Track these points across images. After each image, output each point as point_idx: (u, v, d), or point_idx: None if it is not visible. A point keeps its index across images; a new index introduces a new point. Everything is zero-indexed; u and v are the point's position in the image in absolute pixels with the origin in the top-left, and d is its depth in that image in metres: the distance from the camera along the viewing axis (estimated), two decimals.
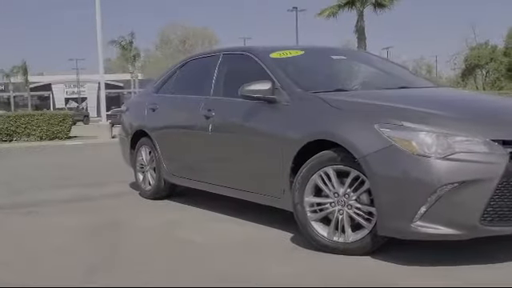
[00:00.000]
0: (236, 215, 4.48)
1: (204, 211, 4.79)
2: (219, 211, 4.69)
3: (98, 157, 11.36)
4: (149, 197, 5.48)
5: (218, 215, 4.60)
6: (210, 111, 4.44)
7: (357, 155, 3.10)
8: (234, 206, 4.72)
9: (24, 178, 7.67)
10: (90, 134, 20.51)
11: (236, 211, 4.58)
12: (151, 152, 5.41)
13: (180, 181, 5.08)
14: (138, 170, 5.67)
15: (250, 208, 4.51)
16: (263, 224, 4.15)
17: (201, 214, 4.73)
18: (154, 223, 4.46)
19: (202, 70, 4.96)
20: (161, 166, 5.23)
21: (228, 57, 4.65)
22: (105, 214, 4.89)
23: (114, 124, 21.49)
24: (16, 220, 4.77)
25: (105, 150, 13.61)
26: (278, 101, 3.78)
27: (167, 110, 5.20)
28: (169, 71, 5.57)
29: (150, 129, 5.34)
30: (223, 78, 4.59)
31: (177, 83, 5.29)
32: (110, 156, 11.07)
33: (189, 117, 4.83)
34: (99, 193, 6.02)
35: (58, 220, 4.69)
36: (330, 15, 23.72)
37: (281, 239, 3.74)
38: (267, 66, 4.05)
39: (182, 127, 4.93)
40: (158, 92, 5.53)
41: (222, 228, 4.19)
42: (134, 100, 6.13)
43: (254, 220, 4.27)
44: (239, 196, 4.21)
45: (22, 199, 5.76)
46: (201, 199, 5.21)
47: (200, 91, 4.77)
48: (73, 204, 5.43)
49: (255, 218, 4.32)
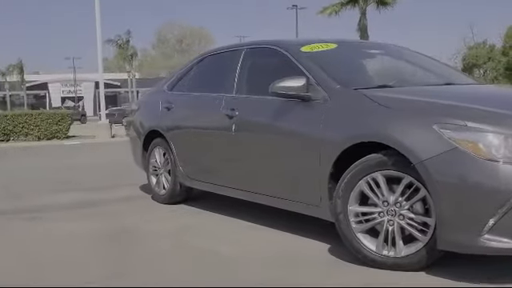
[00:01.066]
0: (262, 223, 4.13)
1: (225, 218, 4.44)
2: (242, 218, 4.34)
3: (100, 157, 10.98)
4: (163, 201, 5.13)
5: (241, 222, 4.25)
6: (234, 110, 4.09)
7: (413, 159, 2.76)
8: (257, 212, 4.38)
9: (24, 180, 7.30)
10: (89, 134, 20.11)
11: (261, 218, 4.23)
12: (166, 153, 5.06)
13: (198, 184, 4.73)
14: (151, 173, 5.31)
15: (276, 215, 4.18)
16: (294, 233, 3.81)
17: (222, 221, 4.38)
18: (170, 231, 4.10)
19: (222, 66, 4.61)
20: (176, 169, 4.88)
21: (252, 51, 4.30)
22: (115, 220, 4.54)
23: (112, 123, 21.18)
24: (19, 226, 4.42)
25: (106, 150, 13.25)
26: (312, 98, 3.43)
27: (184, 109, 4.84)
28: (184, 68, 5.21)
29: (165, 129, 4.99)
30: (247, 74, 4.23)
31: (194, 80, 4.94)
32: (113, 157, 10.71)
33: (208, 116, 4.48)
34: (107, 197, 5.67)
35: (65, 227, 4.33)
36: (332, 13, 23.39)
37: (319, 251, 3.40)
38: (299, 61, 3.70)
39: (201, 127, 4.58)
40: (172, 90, 5.17)
41: (249, 237, 3.84)
42: (146, 98, 5.77)
43: (283, 228, 3.92)
44: (268, 203, 3.87)
45: (23, 204, 5.40)
46: (219, 204, 4.86)
47: (220, 89, 4.42)
48: (79, 209, 5.07)
49: (283, 226, 3.98)
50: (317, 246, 3.48)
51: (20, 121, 17.73)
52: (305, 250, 3.46)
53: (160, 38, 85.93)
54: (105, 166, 8.92)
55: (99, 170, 8.36)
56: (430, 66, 4.26)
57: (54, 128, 18.02)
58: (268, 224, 4.07)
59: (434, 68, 4.23)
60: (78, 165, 9.29)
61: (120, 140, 17.21)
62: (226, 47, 4.78)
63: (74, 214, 4.82)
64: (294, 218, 3.96)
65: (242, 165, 4.07)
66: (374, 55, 4.18)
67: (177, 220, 4.48)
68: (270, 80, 3.95)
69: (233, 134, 4.07)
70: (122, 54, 50.47)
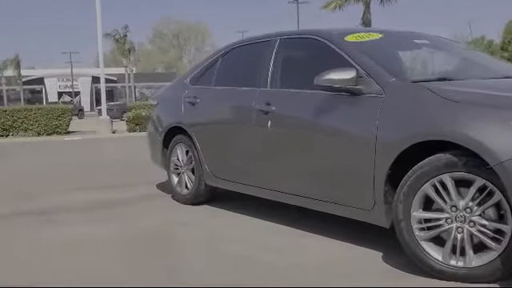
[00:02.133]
0: (298, 227, 3.85)
1: (256, 220, 4.15)
2: (275, 221, 4.05)
3: (106, 154, 10.68)
4: (185, 202, 4.83)
5: (275, 226, 3.96)
6: (269, 105, 3.79)
7: (491, 161, 2.47)
8: (290, 215, 4.11)
9: (33, 179, 6.97)
10: (89, 129, 19.73)
11: (296, 222, 3.95)
12: (189, 151, 4.76)
13: (225, 184, 4.43)
14: (172, 172, 5.01)
15: (311, 218, 3.91)
16: (336, 239, 3.52)
17: (253, 223, 4.09)
18: (200, 235, 3.82)
19: (253, 58, 4.30)
20: (201, 167, 4.59)
21: (288, 42, 3.99)
22: (136, 223, 4.25)
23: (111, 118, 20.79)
24: (35, 230, 4.10)
25: (110, 146, 12.95)
26: (363, 92, 3.14)
27: (210, 104, 4.54)
28: (208, 60, 4.89)
29: (189, 125, 4.69)
30: (283, 66, 3.94)
31: (220, 73, 4.63)
32: (119, 153, 10.43)
33: (239, 112, 4.19)
34: (124, 196, 5.37)
35: (84, 230, 4.03)
36: (335, 7, 23.07)
37: (370, 259, 3.12)
38: (345, 51, 3.41)
39: (230, 123, 4.29)
40: (195, 84, 4.87)
41: (288, 243, 3.55)
42: (166, 93, 5.45)
43: (323, 233, 3.64)
44: (311, 206, 3.57)
45: (36, 205, 5.08)
46: (244, 205, 4.58)
47: (252, 82, 4.12)
48: (96, 210, 4.76)
49: (322, 230, 3.70)
50: (367, 254, 3.20)
51: (19, 116, 17.37)
52: (354, 258, 3.18)
53: (156, 33, 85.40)
54: (113, 162, 8.62)
55: (108, 167, 8.06)
56: (480, 58, 3.98)
57: (54, 123, 17.69)
58: (305, 228, 3.79)
59: (484, 60, 3.95)
60: (84, 162, 8.97)
61: (121, 136, 16.92)
62: (255, 38, 4.48)
63: (92, 216, 4.52)
64: (332, 221, 3.69)
65: (278, 164, 3.78)
66: (421, 46, 3.89)
67: (204, 223, 4.19)
68: (310, 72, 3.67)
69: (268, 131, 3.78)
70: (120, 49, 49.92)
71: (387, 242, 3.25)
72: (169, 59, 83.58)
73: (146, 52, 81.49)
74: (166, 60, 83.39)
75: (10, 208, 4.94)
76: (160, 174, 6.20)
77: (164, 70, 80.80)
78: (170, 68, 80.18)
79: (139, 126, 17.79)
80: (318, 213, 3.65)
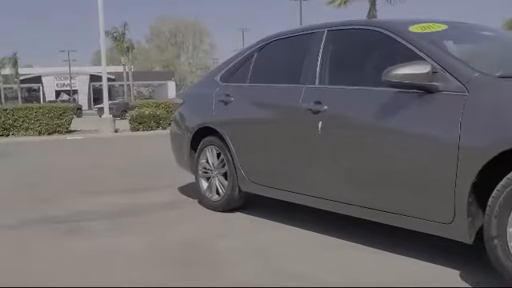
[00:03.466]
0: (348, 237, 3.49)
1: (301, 231, 3.77)
2: (321, 231, 3.69)
3: (114, 154, 10.26)
4: (216, 208, 4.46)
5: (325, 238, 3.58)
6: (320, 104, 3.42)
7: None
8: (334, 223, 3.75)
9: (45, 181, 6.58)
10: (90, 128, 19.29)
11: (342, 232, 3.59)
12: (221, 154, 4.39)
13: (263, 190, 4.06)
14: (201, 176, 4.64)
15: (360, 227, 3.55)
16: (398, 253, 3.16)
17: (300, 235, 3.70)
18: (245, 249, 3.44)
19: (296, 52, 3.93)
20: (235, 172, 4.22)
21: (338, 34, 3.62)
22: (168, 232, 3.88)
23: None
24: (58, 241, 3.72)
25: (115, 145, 12.55)
26: (440, 89, 2.78)
27: (246, 103, 4.17)
28: (241, 55, 4.50)
29: (221, 125, 4.32)
30: (334, 60, 3.57)
31: (256, 70, 4.25)
32: (127, 153, 10.00)
33: (281, 111, 3.82)
34: (147, 202, 5.00)
35: (112, 242, 3.65)
36: (341, 4, 22.70)
37: (443, 276, 2.76)
38: (414, 44, 3.03)
39: (270, 124, 3.91)
40: (227, 81, 4.49)
41: (346, 259, 3.17)
42: (193, 91, 5.07)
43: (381, 247, 3.28)
44: (371, 217, 3.20)
45: (54, 210, 4.69)
46: (282, 213, 4.23)
47: (295, 79, 3.75)
48: (121, 217, 4.39)
49: (380, 243, 3.34)
50: (435, 270, 2.84)
51: (20, 115, 16.95)
52: (424, 274, 2.82)
53: (154, 32, 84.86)
54: (124, 163, 8.23)
55: (120, 168, 7.67)
56: None
57: (56, 122, 17.27)
58: (357, 240, 3.43)
59: None
60: (94, 162, 8.57)
61: (125, 135, 16.53)
62: (296, 30, 4.10)
63: (117, 225, 4.14)
64: (389, 233, 3.33)
65: (331, 170, 3.40)
66: (493, 38, 3.53)
67: (245, 234, 3.80)
68: (369, 67, 3.33)
69: (318, 132, 3.41)
70: (119, 47, 49.43)
71: (462, 256, 2.90)
72: (166, 58, 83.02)
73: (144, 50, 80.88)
74: (163, 58, 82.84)
75: (27, 214, 4.57)
76: (179, 175, 5.89)
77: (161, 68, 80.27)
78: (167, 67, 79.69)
79: (142, 125, 17.41)
80: (364, 221, 3.29)
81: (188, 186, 5.69)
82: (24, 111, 17.08)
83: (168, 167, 7.46)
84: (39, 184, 6.28)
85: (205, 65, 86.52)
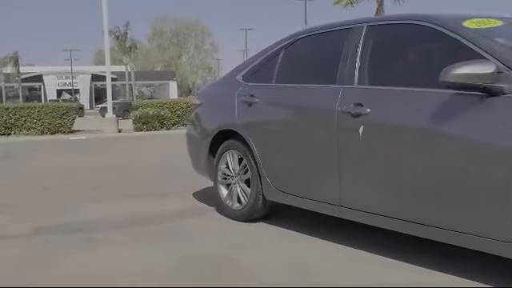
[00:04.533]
0: (386, 253, 3.17)
1: (336, 246, 3.43)
2: (358, 246, 3.36)
3: (120, 155, 9.94)
4: (237, 217, 4.14)
5: (363, 254, 3.25)
6: (362, 106, 3.10)
7: None
8: (369, 237, 3.43)
9: (52, 185, 6.26)
10: (93, 128, 18.97)
11: (379, 246, 3.27)
12: (243, 159, 4.07)
13: (291, 200, 3.74)
14: (220, 182, 4.32)
15: (399, 243, 3.24)
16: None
17: (336, 250, 3.36)
18: (278, 266, 3.10)
19: (329, 50, 3.63)
20: (260, 179, 3.90)
21: (379, 29, 3.30)
22: (189, 244, 3.58)
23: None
24: (76, 253, 3.39)
25: (120, 146, 12.25)
26: (504, 91, 2.46)
27: (273, 105, 3.85)
28: (265, 53, 4.17)
29: (245, 128, 4.00)
30: (376, 58, 3.25)
31: (283, 68, 3.93)
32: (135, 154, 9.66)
33: (313, 114, 3.49)
34: (162, 209, 4.69)
35: (132, 254, 3.34)
36: (347, 4, 22.41)
37: None
38: (473, 41, 2.71)
39: (301, 127, 3.59)
40: (251, 80, 4.17)
41: (398, 278, 2.85)
42: (213, 91, 4.75)
43: (433, 266, 2.96)
44: (423, 234, 2.87)
45: (66, 218, 4.39)
46: (309, 223, 3.92)
47: (331, 78, 3.43)
48: (137, 226, 4.08)
49: (428, 263, 3.02)
50: None
51: (22, 114, 16.66)
52: None
53: (156, 31, 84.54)
54: (132, 165, 7.91)
55: (129, 170, 7.37)
56: None
57: (58, 122, 16.97)
58: (402, 258, 3.10)
59: None
60: (101, 164, 8.25)
61: (129, 135, 16.22)
62: (328, 26, 3.78)
63: (135, 235, 3.83)
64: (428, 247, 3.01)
65: (374, 180, 3.08)
66: None
67: (274, 248, 3.47)
68: (419, 66, 3.02)
69: (359, 138, 3.09)
70: (121, 46, 49.16)
71: None
72: (168, 57, 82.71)
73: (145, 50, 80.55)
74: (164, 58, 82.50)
75: (39, 221, 4.28)
76: (191, 180, 5.62)
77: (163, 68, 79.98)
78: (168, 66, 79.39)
79: (146, 126, 17.11)
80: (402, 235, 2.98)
81: (203, 192, 5.38)
82: (26, 110, 16.78)
83: (178, 170, 7.18)
84: (49, 188, 5.97)
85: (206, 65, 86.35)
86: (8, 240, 3.77)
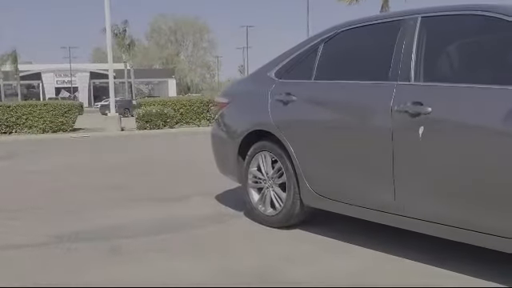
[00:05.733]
0: (445, 265, 2.89)
1: (382, 255, 3.17)
2: (415, 257, 3.08)
3: (127, 154, 9.63)
4: (271, 224, 3.86)
5: (415, 265, 2.98)
6: (421, 105, 2.83)
7: None
8: (424, 246, 3.16)
9: (63, 187, 5.98)
10: (95, 126, 18.66)
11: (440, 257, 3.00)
12: (277, 161, 3.79)
13: (333, 206, 3.46)
14: (251, 186, 4.04)
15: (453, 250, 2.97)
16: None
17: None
18: (329, 276, 2.84)
19: (379, 44, 3.34)
20: (298, 183, 3.62)
21: (438, 21, 3.01)
22: (225, 254, 3.30)
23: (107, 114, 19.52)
24: (103, 266, 3.10)
25: (125, 144, 11.96)
26: None
27: (315, 103, 3.56)
28: (301, 48, 3.87)
29: (280, 128, 3.71)
30: (434, 53, 2.99)
31: (324, 64, 3.64)
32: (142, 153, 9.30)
33: (364, 113, 3.21)
34: (187, 214, 4.40)
35: (165, 267, 3.05)
36: (352, 1, 22.10)
37: None
38: None
39: (348, 128, 3.30)
40: (285, 77, 3.88)
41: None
42: (241, 89, 4.44)
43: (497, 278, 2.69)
44: (500, 247, 2.60)
45: (85, 224, 4.10)
46: (351, 230, 3.65)
47: (382, 74, 3.14)
48: (164, 234, 3.80)
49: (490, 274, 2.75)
50: None
51: (24, 112, 16.37)
52: None
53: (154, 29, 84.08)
54: (143, 165, 7.63)
55: (141, 171, 7.08)
56: None
57: (60, 120, 16.68)
58: (465, 270, 2.83)
59: None
60: (110, 164, 7.96)
61: (132, 134, 15.93)
62: (374, 18, 3.49)
63: (164, 244, 3.54)
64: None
65: (436, 186, 2.80)
66: None
67: (323, 260, 3.16)
68: (485, 61, 2.74)
69: (419, 139, 2.81)
70: (120, 44, 48.76)
71: None
72: (166, 55, 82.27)
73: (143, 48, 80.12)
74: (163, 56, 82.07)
75: (57, 228, 3.98)
76: (208, 181, 5.52)
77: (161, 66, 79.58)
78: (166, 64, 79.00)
79: (149, 124, 16.81)
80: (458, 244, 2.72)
81: (225, 195, 5.12)
82: (28, 108, 16.48)
83: (193, 170, 6.93)
84: (61, 190, 5.68)
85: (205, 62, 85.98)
86: (25, 250, 3.47)
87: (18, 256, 3.34)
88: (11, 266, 3.13)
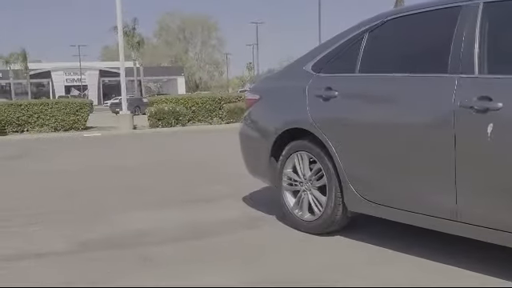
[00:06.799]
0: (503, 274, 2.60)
1: (430, 263, 2.88)
2: (477, 269, 2.78)
3: (142, 153, 9.37)
4: (310, 230, 3.57)
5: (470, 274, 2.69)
6: (490, 100, 2.52)
7: None
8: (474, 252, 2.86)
9: (82, 188, 5.74)
10: (106, 124, 18.45)
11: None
12: (316, 162, 3.50)
13: (383, 212, 3.14)
14: (286, 188, 3.75)
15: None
16: None
17: (431, 267, 2.80)
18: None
19: (434, 33, 3.03)
20: (340, 186, 3.33)
21: (505, 7, 2.70)
22: (270, 263, 3.04)
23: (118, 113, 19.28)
24: (136, 277, 2.83)
25: (139, 143, 11.73)
26: None
27: (361, 99, 3.26)
28: (341, 39, 3.56)
29: (320, 127, 3.41)
30: (501, 43, 2.67)
31: (370, 56, 3.32)
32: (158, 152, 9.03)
33: (423, 109, 2.88)
34: (213, 217, 4.14)
35: (205, 282, 2.76)
36: None
37: None
38: None
39: (405, 125, 2.96)
40: (324, 71, 3.58)
41: None
42: (274, 84, 4.13)
43: None
44: None
45: (110, 229, 3.84)
46: (385, 233, 3.36)
47: (439, 66, 2.84)
48: (195, 240, 3.53)
49: None
50: None
51: (35, 110, 16.18)
52: None
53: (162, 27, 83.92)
54: (161, 165, 7.36)
55: (160, 171, 6.83)
56: None
57: (72, 118, 16.48)
58: None
59: None
60: (126, 164, 7.70)
61: (145, 132, 15.69)
62: (426, 4, 3.15)
63: (197, 250, 3.28)
64: None
65: (509, 191, 2.49)
66: None
67: (367, 269, 2.90)
68: None
69: (488, 139, 2.51)
70: (129, 42, 48.62)
71: None
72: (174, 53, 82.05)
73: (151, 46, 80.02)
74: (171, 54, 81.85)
75: (81, 234, 3.74)
76: (232, 182, 5.33)
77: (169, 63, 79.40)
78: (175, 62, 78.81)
79: (161, 122, 16.57)
80: None
81: (253, 197, 4.85)
82: (39, 107, 16.30)
83: (214, 170, 6.66)
84: (80, 191, 5.43)
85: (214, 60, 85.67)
86: (47, 259, 3.21)
87: (38, 266, 3.07)
88: (29, 279, 2.85)
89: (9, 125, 15.76)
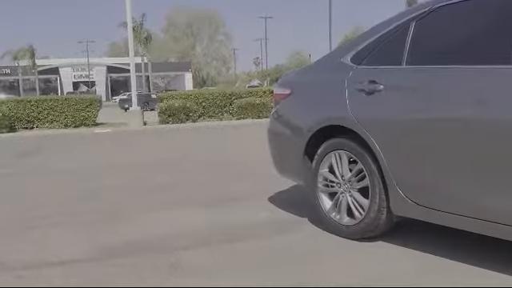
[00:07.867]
0: None
1: (491, 274, 2.62)
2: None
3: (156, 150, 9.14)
4: (350, 235, 3.31)
5: None
6: None
7: None
8: None
9: (99, 186, 5.52)
10: (116, 121, 18.24)
11: None
12: (357, 162, 3.23)
13: (436, 217, 2.87)
14: (322, 190, 3.49)
15: None
16: None
17: (494, 279, 2.55)
18: None
19: (494, 21, 2.76)
20: (385, 188, 3.06)
21: None
22: (310, 272, 2.77)
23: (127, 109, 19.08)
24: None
25: (151, 139, 11.52)
26: None
27: (411, 93, 2.98)
28: (384, 28, 3.29)
29: (362, 124, 3.14)
30: None
31: (418, 46, 3.04)
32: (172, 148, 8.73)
33: (486, 103, 2.60)
34: (241, 219, 3.91)
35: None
36: None
37: None
38: None
39: (466, 122, 2.68)
40: (365, 63, 3.31)
41: None
42: (307, 77, 3.84)
43: None
44: None
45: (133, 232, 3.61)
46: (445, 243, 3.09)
47: (501, 57, 2.57)
48: (227, 244, 3.29)
49: None
50: None
51: (45, 107, 16.02)
52: None
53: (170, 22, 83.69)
54: (178, 163, 7.13)
55: (179, 169, 6.58)
56: None
57: (82, 114, 16.32)
58: None
59: None
60: (141, 161, 7.48)
61: (156, 128, 15.49)
62: None
63: (231, 256, 3.04)
64: None
65: None
66: None
67: (430, 279, 2.63)
68: None
69: None
70: (137, 37, 48.40)
71: None
72: (182, 48, 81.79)
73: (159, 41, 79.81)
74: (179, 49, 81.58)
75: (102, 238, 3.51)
76: (256, 181, 5.15)
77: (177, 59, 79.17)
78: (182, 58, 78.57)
79: (172, 118, 16.34)
80: None
81: (279, 197, 4.61)
82: (49, 103, 16.14)
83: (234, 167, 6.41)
84: (97, 190, 5.22)
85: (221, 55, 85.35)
86: (69, 268, 2.96)
87: (59, 276, 2.82)
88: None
89: (18, 121, 15.60)
